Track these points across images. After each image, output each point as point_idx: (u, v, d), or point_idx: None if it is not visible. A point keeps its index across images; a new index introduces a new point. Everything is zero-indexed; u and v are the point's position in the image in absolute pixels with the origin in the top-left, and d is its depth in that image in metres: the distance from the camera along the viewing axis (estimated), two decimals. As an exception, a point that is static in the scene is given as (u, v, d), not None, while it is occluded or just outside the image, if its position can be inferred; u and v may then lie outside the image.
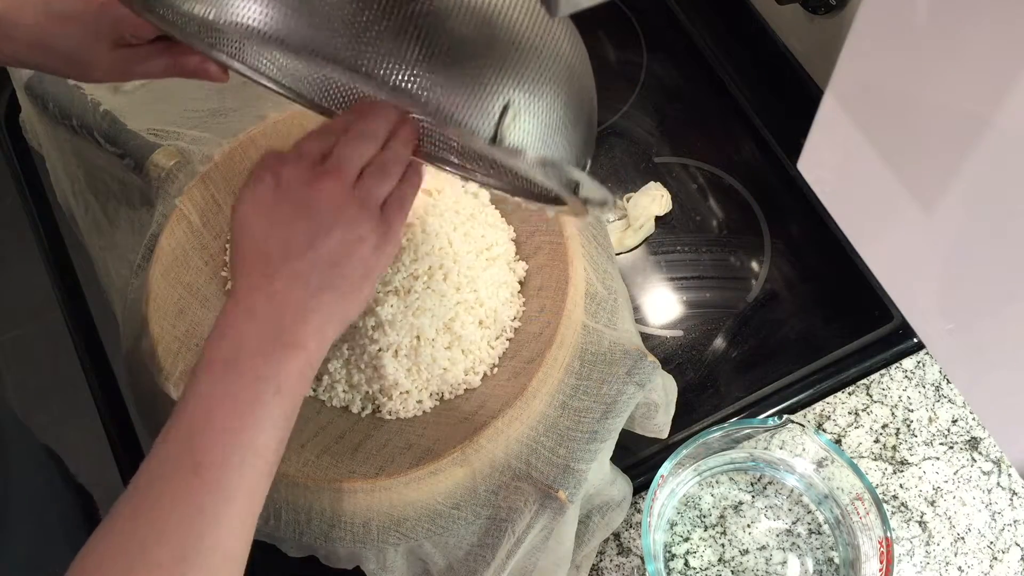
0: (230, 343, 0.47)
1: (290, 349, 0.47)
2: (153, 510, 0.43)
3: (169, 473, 0.44)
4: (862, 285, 0.75)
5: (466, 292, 0.63)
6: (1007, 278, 0.46)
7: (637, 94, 0.86)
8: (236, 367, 0.46)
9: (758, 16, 0.86)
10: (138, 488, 0.44)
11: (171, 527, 0.43)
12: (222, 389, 0.46)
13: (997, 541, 0.67)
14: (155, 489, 0.44)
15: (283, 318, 0.47)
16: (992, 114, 0.40)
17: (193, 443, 0.44)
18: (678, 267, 0.78)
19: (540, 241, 0.66)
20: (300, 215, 0.48)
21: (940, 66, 0.43)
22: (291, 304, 0.47)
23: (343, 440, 0.61)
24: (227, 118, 0.73)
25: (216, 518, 0.43)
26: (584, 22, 0.93)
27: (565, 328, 0.61)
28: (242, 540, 0.45)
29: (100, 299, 0.76)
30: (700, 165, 0.82)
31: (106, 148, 0.72)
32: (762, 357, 0.74)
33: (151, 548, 0.42)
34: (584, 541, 0.63)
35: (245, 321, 0.47)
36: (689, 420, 0.71)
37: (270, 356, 0.46)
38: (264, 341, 0.47)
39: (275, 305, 0.47)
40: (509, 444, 0.58)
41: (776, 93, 0.85)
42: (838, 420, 0.71)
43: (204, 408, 0.45)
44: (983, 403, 0.65)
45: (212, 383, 0.46)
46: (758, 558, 0.66)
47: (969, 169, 0.43)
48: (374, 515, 0.58)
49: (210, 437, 0.44)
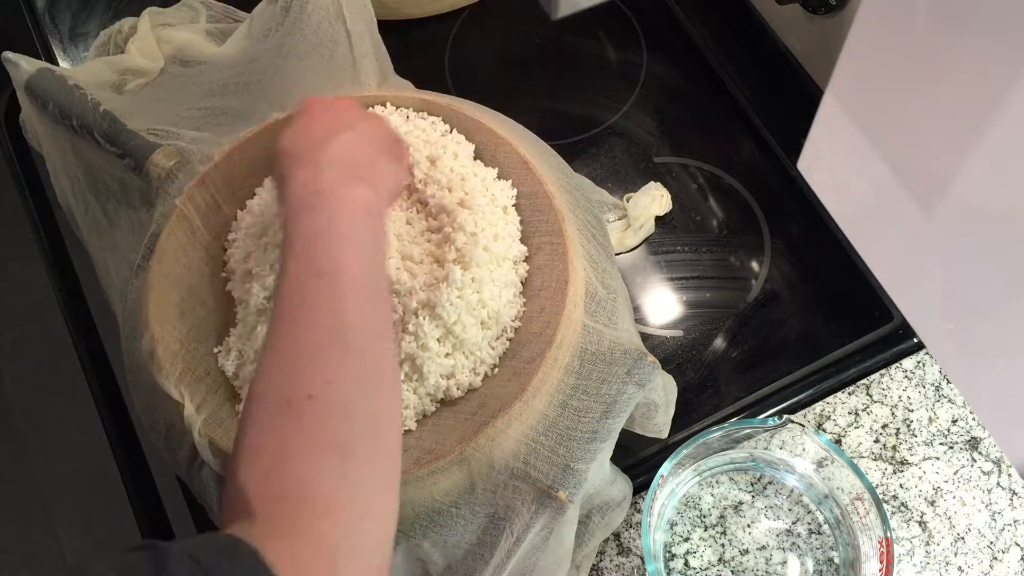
0: (311, 190, 0.52)
1: (363, 183, 0.53)
2: (296, 319, 0.48)
3: (300, 289, 0.49)
4: (862, 285, 0.75)
5: (469, 293, 0.63)
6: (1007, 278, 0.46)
7: (637, 94, 0.86)
8: (323, 202, 0.52)
9: (758, 16, 0.86)
10: (281, 311, 0.49)
11: (321, 318, 0.48)
12: (320, 219, 0.51)
13: (997, 541, 0.67)
14: (295, 302, 0.49)
15: (349, 167, 0.54)
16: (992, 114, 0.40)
17: (310, 262, 0.50)
18: (678, 267, 0.78)
19: (540, 241, 0.66)
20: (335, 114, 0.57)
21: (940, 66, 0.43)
22: (348, 159, 0.54)
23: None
24: (227, 118, 0.74)
25: (346, 304, 0.49)
26: (584, 22, 0.94)
27: (565, 328, 0.61)
28: (381, 316, 0.51)
29: (100, 299, 0.76)
30: (700, 165, 0.82)
31: (106, 148, 0.72)
32: (762, 357, 0.74)
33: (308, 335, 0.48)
34: (584, 541, 0.63)
35: (314, 176, 0.53)
36: (689, 420, 0.71)
37: (351, 187, 0.53)
38: (340, 181, 0.53)
39: (338, 162, 0.54)
40: (509, 444, 0.58)
41: (776, 93, 0.85)
42: (838, 420, 0.71)
43: (306, 238, 0.50)
44: (983, 403, 0.65)
45: (310, 219, 0.51)
46: (758, 558, 0.66)
47: (969, 169, 0.43)
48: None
49: (323, 251, 0.50)
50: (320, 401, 0.45)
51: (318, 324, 0.48)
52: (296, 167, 0.54)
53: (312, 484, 0.44)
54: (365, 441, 0.46)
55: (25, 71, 0.76)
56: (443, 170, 0.67)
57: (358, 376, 0.47)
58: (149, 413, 0.64)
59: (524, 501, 0.57)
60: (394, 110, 0.72)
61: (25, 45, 0.90)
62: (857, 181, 0.54)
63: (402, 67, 0.77)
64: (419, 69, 0.80)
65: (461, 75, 0.88)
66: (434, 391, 0.62)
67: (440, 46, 0.90)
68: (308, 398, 0.45)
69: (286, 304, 0.49)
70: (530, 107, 0.85)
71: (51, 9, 0.94)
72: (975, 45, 0.39)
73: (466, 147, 0.70)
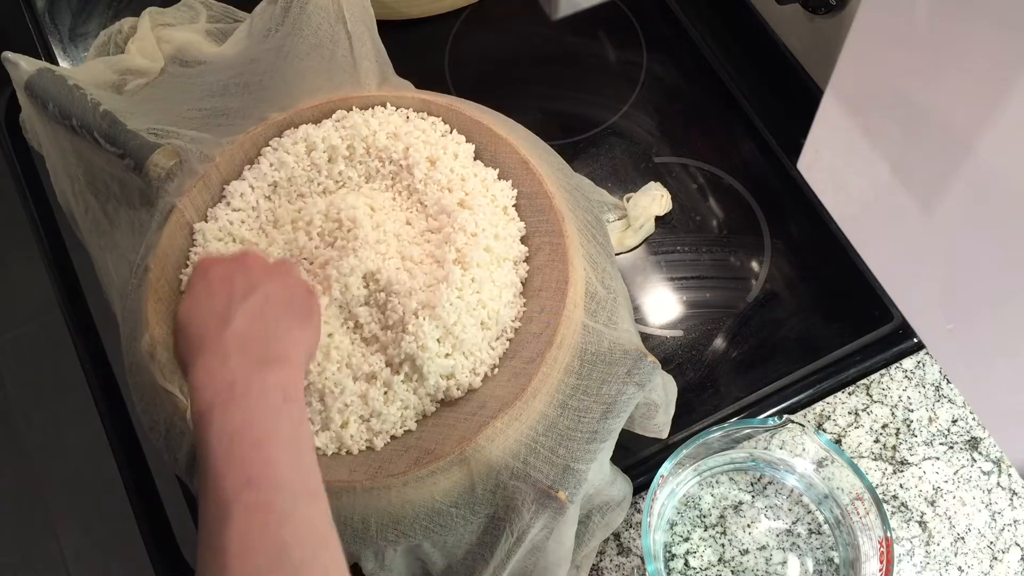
0: (221, 382, 0.48)
1: (277, 363, 0.49)
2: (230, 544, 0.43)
3: (228, 505, 0.44)
4: (862, 285, 0.75)
5: (469, 294, 0.63)
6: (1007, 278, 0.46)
7: (637, 94, 0.86)
8: (236, 395, 0.47)
9: (758, 16, 0.86)
10: (210, 531, 0.44)
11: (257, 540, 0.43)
12: (236, 417, 0.46)
13: (997, 541, 0.67)
14: (226, 523, 0.43)
15: (257, 345, 0.50)
16: (992, 114, 0.40)
17: (232, 468, 0.45)
18: (678, 267, 0.78)
19: (540, 241, 0.66)
20: (236, 277, 0.53)
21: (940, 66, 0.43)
22: (258, 336, 0.50)
23: (343, 440, 0.61)
24: (227, 118, 0.73)
25: (283, 517, 0.44)
26: (584, 22, 0.93)
27: (565, 328, 0.61)
28: (322, 521, 0.46)
29: (100, 299, 0.76)
30: (700, 165, 0.82)
31: (106, 148, 0.72)
32: (762, 357, 0.74)
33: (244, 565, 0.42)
34: (584, 541, 0.63)
35: (222, 364, 0.48)
36: (689, 420, 0.71)
37: (264, 373, 0.48)
38: (251, 366, 0.48)
39: (245, 340, 0.50)
40: (509, 444, 0.58)
41: (776, 93, 0.85)
42: (838, 420, 0.71)
43: (227, 437, 0.46)
44: (983, 403, 0.65)
45: (224, 418, 0.46)
46: (758, 558, 0.66)
47: (969, 169, 0.43)
48: (373, 513, 0.58)
49: (248, 455, 0.45)
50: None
51: (255, 549, 0.42)
52: (199, 353, 0.49)
53: None
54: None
55: (25, 71, 0.76)
56: (443, 171, 0.67)
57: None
58: (149, 413, 0.64)
59: (524, 501, 0.57)
60: (394, 110, 0.72)
61: (25, 45, 0.90)
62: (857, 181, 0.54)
63: (402, 67, 0.77)
64: (419, 69, 0.80)
65: (461, 75, 0.88)
66: (434, 391, 0.62)
67: (440, 46, 0.90)
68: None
69: (215, 522, 0.43)
70: (530, 107, 0.85)
71: (51, 9, 0.94)
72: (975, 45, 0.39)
73: (466, 147, 0.70)
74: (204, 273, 0.54)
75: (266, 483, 0.44)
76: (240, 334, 0.50)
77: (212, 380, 0.48)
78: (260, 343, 0.50)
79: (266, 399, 0.47)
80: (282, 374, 0.49)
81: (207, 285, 0.53)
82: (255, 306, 0.51)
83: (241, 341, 0.49)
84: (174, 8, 0.84)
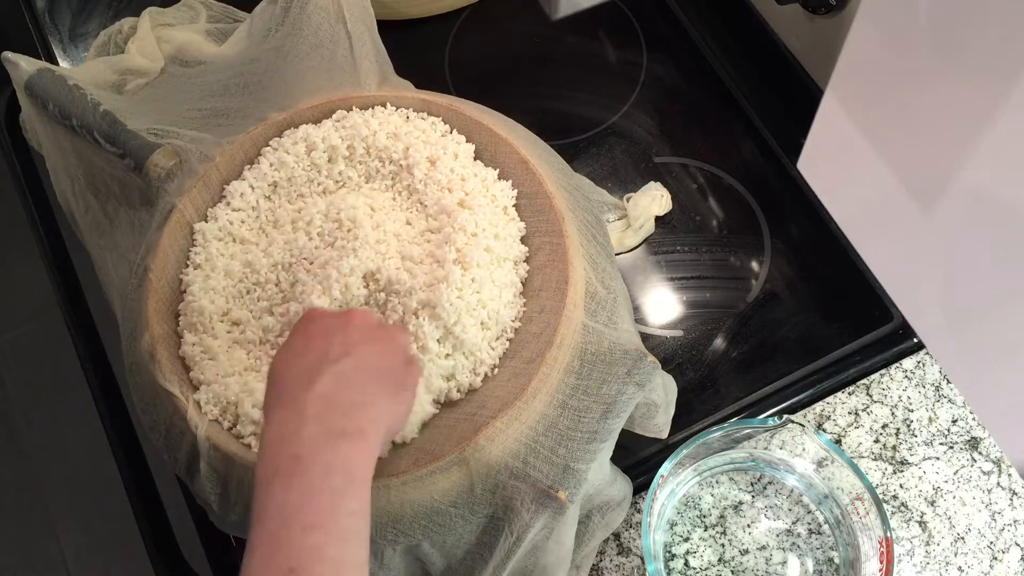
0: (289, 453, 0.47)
1: (352, 438, 0.48)
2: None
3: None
4: (862, 285, 0.75)
5: (469, 294, 0.63)
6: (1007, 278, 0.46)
7: (637, 94, 0.86)
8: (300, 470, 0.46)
9: (758, 16, 0.86)
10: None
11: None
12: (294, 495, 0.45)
13: (997, 541, 0.67)
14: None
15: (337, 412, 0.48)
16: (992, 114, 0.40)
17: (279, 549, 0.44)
18: (678, 267, 0.78)
19: (540, 241, 0.66)
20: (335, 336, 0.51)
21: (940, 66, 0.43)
22: (340, 402, 0.48)
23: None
24: (227, 118, 0.73)
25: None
26: (584, 22, 0.93)
27: (565, 328, 0.61)
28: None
29: (100, 299, 0.76)
30: (700, 165, 0.82)
31: (106, 148, 0.72)
32: (762, 357, 0.74)
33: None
34: (584, 541, 0.63)
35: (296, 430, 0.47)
36: (689, 420, 0.71)
37: (335, 447, 0.47)
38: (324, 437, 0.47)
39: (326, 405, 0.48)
40: (509, 444, 0.58)
41: (776, 93, 0.85)
42: (838, 420, 0.71)
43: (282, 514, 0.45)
44: (983, 403, 0.65)
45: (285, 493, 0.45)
46: (758, 558, 0.66)
47: (969, 169, 0.43)
48: (372, 513, 0.58)
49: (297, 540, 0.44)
50: None
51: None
52: (278, 407, 0.49)
53: None
54: None
55: (25, 71, 0.76)
56: (443, 171, 0.67)
57: None
58: (149, 413, 0.64)
59: (524, 501, 0.57)
60: (394, 110, 0.72)
61: (25, 45, 0.90)
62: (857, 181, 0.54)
63: (402, 67, 0.77)
64: (419, 69, 0.80)
65: (461, 75, 0.88)
66: (437, 394, 0.62)
67: (440, 46, 0.90)
68: None
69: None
70: (530, 107, 0.85)
71: (51, 9, 0.94)
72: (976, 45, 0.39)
73: (466, 148, 0.70)
74: (306, 326, 0.52)
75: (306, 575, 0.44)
76: (322, 397, 0.48)
77: (282, 446, 0.47)
78: (340, 411, 0.48)
79: (329, 480, 0.46)
80: (352, 450, 0.47)
81: (306, 339, 0.51)
82: (345, 370, 0.50)
83: (322, 405, 0.48)
84: (174, 8, 0.84)
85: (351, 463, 0.47)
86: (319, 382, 0.49)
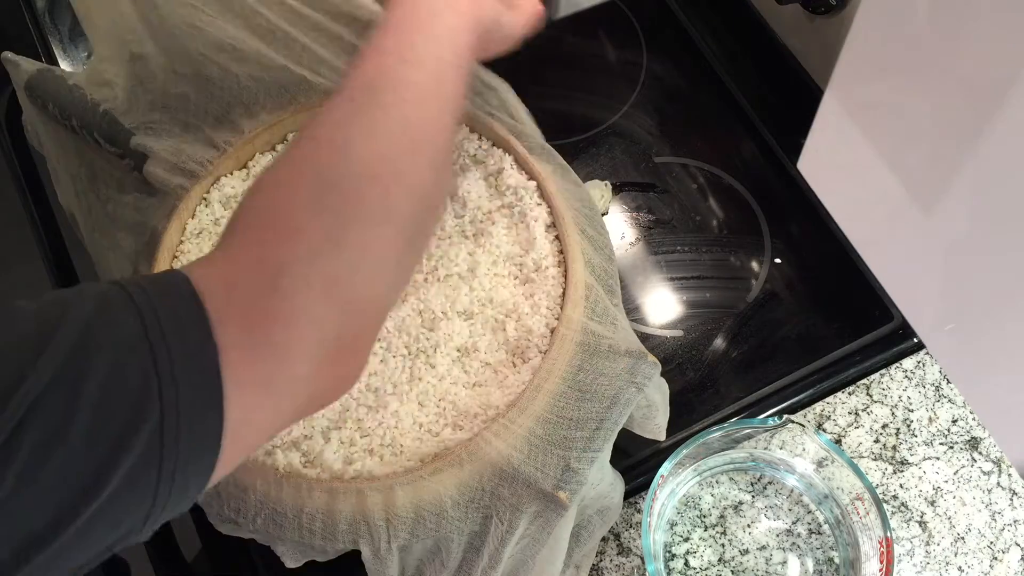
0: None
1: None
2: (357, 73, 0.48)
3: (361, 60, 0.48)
4: (862, 285, 0.75)
5: (479, 293, 0.63)
6: (1007, 278, 0.46)
7: (637, 94, 0.86)
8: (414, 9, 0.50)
9: (758, 16, 0.86)
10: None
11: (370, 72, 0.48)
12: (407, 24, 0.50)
13: (997, 541, 0.67)
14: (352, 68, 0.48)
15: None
16: (992, 114, 0.40)
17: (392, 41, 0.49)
18: (678, 267, 0.78)
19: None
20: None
21: (940, 66, 0.43)
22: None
23: (343, 440, 0.61)
24: (228, 119, 0.73)
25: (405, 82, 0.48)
26: (584, 22, 0.93)
27: (565, 328, 0.61)
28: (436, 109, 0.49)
29: (100, 299, 0.75)
30: (700, 165, 0.82)
31: (106, 148, 0.72)
32: (762, 357, 0.74)
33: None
34: (583, 540, 0.63)
35: None
36: (689, 420, 0.71)
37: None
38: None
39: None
40: (508, 444, 0.58)
41: (776, 93, 0.85)
42: (838, 420, 0.71)
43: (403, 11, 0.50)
44: (983, 403, 0.65)
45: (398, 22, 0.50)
46: (758, 558, 0.66)
47: (969, 169, 0.43)
48: (372, 512, 0.58)
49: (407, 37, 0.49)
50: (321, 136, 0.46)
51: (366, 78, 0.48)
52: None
53: (279, 210, 0.43)
54: (361, 182, 0.44)
55: (25, 71, 0.76)
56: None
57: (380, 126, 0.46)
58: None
59: (524, 501, 0.57)
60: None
61: (25, 45, 0.90)
62: (857, 181, 0.54)
63: (402, 67, 0.77)
64: (419, 69, 0.80)
65: (461, 75, 0.88)
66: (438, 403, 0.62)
67: (440, 46, 0.90)
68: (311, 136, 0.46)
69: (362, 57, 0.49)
70: (530, 107, 0.85)
71: (51, 9, 0.94)
72: (975, 44, 0.40)
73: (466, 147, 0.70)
74: None
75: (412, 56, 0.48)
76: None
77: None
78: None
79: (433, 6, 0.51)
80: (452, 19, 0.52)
81: None
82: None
83: None
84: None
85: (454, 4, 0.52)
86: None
